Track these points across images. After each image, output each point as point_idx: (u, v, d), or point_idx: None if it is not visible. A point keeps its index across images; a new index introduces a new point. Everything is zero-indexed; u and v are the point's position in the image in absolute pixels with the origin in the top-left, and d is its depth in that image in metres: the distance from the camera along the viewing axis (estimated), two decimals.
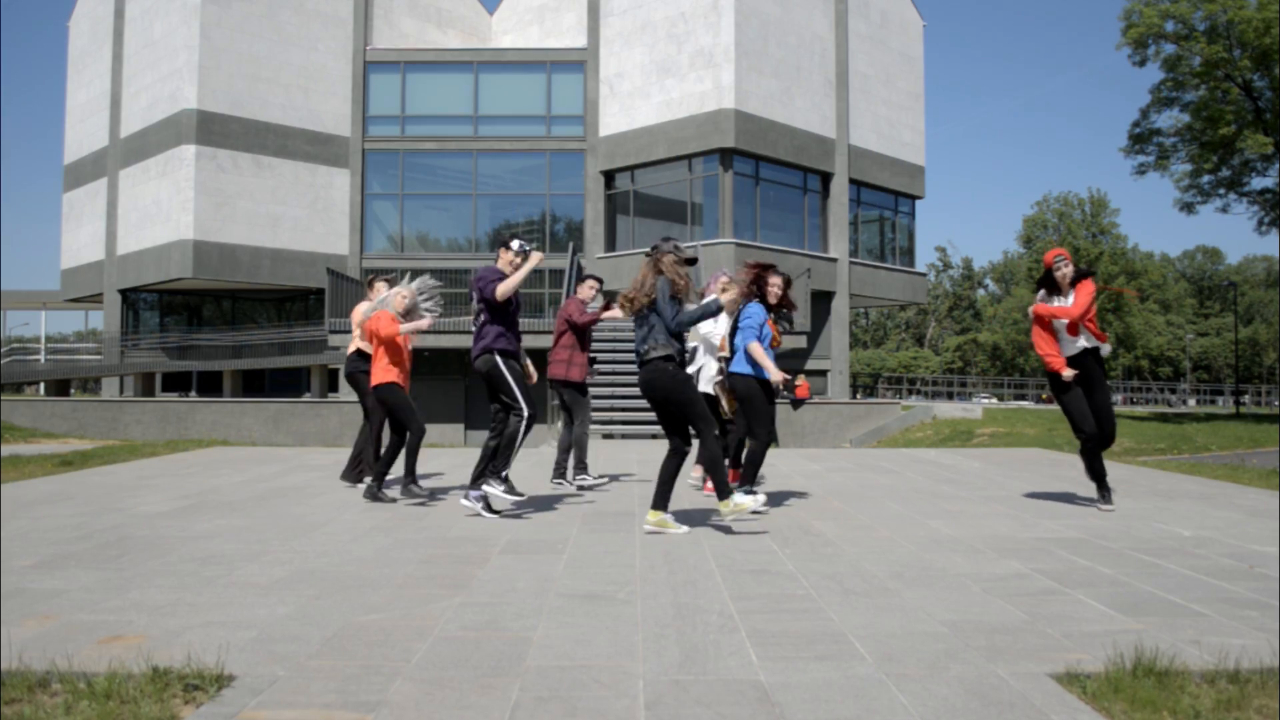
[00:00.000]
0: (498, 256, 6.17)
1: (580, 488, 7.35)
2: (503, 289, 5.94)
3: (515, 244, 6.11)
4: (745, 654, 3.06)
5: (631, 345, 6.97)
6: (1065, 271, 6.24)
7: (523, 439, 5.90)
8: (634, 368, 5.74)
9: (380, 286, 7.52)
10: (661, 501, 5.34)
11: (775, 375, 5.98)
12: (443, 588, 3.98)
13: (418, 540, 5.11)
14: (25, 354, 38.34)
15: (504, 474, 5.88)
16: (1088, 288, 6.21)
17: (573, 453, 7.50)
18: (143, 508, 6.33)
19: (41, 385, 33.60)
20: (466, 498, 6.05)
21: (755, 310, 6.09)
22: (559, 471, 7.51)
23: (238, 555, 4.67)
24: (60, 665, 2.86)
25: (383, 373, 6.59)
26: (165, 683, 2.72)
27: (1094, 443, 6.22)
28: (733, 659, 3.01)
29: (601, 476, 7.70)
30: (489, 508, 5.97)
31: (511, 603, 3.72)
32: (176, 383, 29.74)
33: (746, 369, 6.09)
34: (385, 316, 6.61)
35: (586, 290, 7.64)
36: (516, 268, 6.06)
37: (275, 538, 5.17)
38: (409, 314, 6.75)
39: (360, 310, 7.42)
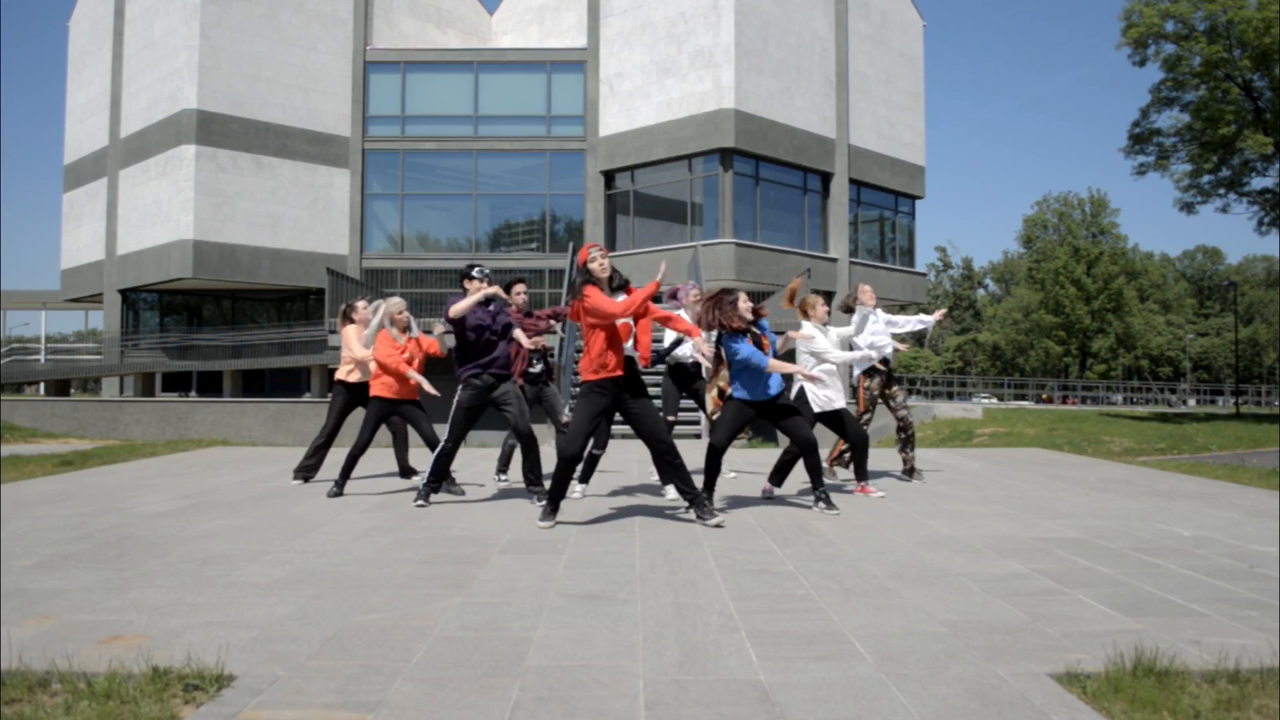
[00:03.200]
0: (464, 291, 6.41)
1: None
2: (454, 310, 6.22)
3: (476, 271, 6.41)
4: (745, 654, 3.06)
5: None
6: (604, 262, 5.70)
7: (436, 464, 6.41)
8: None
9: (360, 306, 7.75)
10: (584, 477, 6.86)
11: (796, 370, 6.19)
12: (443, 588, 3.98)
13: (418, 540, 5.11)
14: (25, 354, 38.34)
15: (428, 486, 6.46)
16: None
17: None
18: (143, 508, 6.33)
19: (41, 385, 33.59)
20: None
21: (737, 344, 5.91)
22: (501, 466, 7.94)
23: (238, 555, 4.67)
24: (60, 665, 2.86)
25: (375, 387, 7.02)
26: (165, 683, 2.72)
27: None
28: (733, 659, 3.01)
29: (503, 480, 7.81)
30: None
31: (511, 603, 3.72)
32: (176, 383, 29.74)
33: (741, 393, 6.00)
34: (386, 340, 6.97)
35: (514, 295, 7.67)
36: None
37: (275, 538, 5.16)
38: (406, 329, 7.07)
39: (350, 334, 7.59)
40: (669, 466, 5.73)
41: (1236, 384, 44.85)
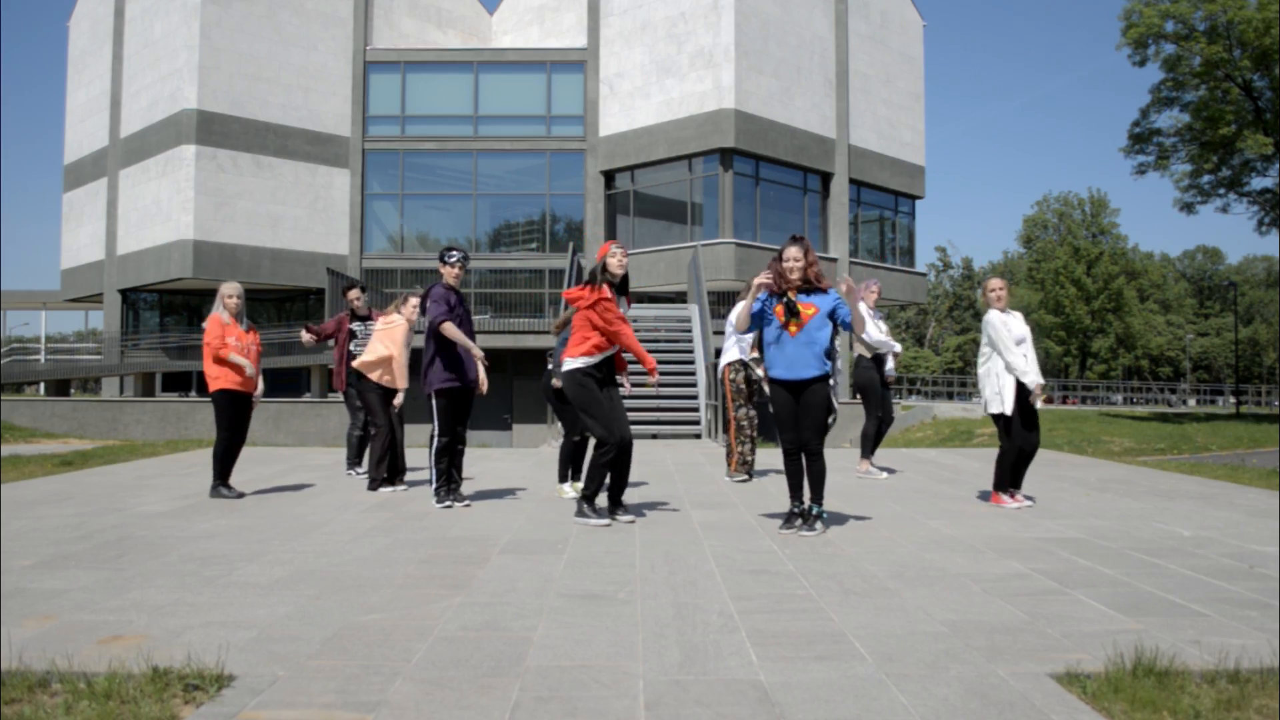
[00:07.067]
0: (440, 276, 6.38)
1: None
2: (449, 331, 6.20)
3: (449, 256, 6.33)
4: (745, 654, 3.06)
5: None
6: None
7: (433, 457, 6.33)
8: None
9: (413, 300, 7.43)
10: (562, 477, 6.88)
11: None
12: (443, 588, 3.98)
13: (418, 540, 5.11)
14: (25, 354, 38.33)
15: (440, 486, 6.39)
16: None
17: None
18: (143, 508, 6.33)
19: (41, 385, 33.58)
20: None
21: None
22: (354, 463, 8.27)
23: (238, 555, 4.67)
24: (60, 665, 2.86)
25: (220, 381, 7.02)
26: (165, 683, 2.72)
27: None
28: (733, 659, 3.01)
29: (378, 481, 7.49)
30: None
31: (511, 603, 3.72)
32: (176, 383, 29.71)
33: (777, 373, 5.32)
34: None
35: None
36: (458, 278, 6.35)
37: (275, 538, 5.16)
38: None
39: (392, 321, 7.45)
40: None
41: (1236, 384, 44.82)
